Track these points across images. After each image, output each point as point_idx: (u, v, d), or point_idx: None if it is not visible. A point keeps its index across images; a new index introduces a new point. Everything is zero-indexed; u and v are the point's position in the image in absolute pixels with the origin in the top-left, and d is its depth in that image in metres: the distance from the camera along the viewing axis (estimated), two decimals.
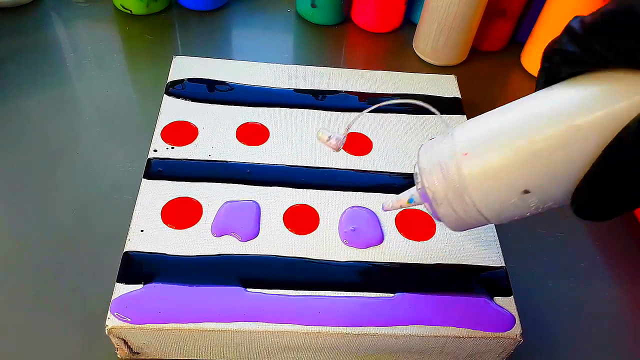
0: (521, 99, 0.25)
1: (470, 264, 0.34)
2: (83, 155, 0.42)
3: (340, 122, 0.42)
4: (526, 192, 0.23)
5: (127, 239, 0.33)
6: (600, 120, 0.21)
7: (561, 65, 0.23)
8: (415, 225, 0.36)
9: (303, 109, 0.42)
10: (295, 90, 0.44)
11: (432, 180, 0.26)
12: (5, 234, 0.37)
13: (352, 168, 0.39)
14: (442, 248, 0.35)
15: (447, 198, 0.25)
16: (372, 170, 0.39)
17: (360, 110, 0.42)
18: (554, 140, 0.22)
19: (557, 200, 0.23)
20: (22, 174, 0.40)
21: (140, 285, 0.31)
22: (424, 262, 0.34)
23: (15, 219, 0.38)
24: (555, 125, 0.22)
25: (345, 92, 0.44)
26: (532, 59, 0.54)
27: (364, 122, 0.42)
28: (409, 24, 0.58)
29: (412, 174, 0.39)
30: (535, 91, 0.25)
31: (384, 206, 0.33)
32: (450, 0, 0.48)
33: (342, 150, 0.39)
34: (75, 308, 0.34)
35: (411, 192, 0.30)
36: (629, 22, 0.20)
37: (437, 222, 0.36)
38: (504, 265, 0.34)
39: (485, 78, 0.54)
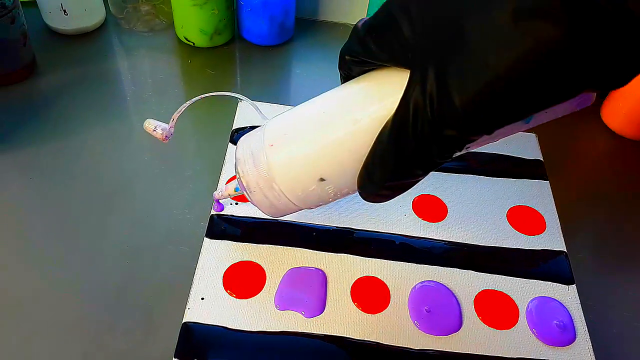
0: (323, 94, 0.27)
1: (555, 358, 0.31)
2: (139, 199, 0.40)
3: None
4: (322, 180, 0.25)
5: (187, 307, 0.31)
6: (374, 114, 0.23)
7: (351, 63, 0.24)
8: (497, 309, 0.32)
9: None
10: None
11: (246, 169, 0.27)
12: (54, 283, 0.35)
13: (425, 236, 0.36)
14: (526, 338, 0.31)
15: (259, 186, 0.27)
16: (447, 240, 0.36)
17: None
18: (339, 134, 0.24)
19: (350, 187, 0.25)
20: (74, 217, 0.38)
21: None
22: (507, 356, 0.31)
23: (65, 267, 0.36)
24: (339, 119, 0.24)
25: None
26: (612, 113, 0.50)
27: (438, 182, 0.39)
28: None
29: (493, 247, 0.36)
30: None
31: (214, 195, 0.35)
32: None
33: (414, 215, 0.37)
34: None
35: (236, 181, 0.31)
36: (390, 24, 0.21)
37: (520, 308, 0.33)
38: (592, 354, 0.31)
39: (564, 135, 0.50)
